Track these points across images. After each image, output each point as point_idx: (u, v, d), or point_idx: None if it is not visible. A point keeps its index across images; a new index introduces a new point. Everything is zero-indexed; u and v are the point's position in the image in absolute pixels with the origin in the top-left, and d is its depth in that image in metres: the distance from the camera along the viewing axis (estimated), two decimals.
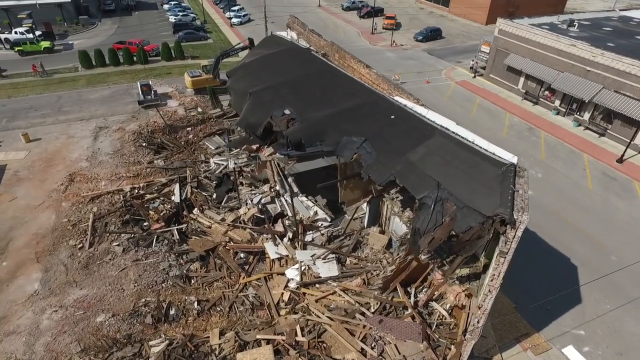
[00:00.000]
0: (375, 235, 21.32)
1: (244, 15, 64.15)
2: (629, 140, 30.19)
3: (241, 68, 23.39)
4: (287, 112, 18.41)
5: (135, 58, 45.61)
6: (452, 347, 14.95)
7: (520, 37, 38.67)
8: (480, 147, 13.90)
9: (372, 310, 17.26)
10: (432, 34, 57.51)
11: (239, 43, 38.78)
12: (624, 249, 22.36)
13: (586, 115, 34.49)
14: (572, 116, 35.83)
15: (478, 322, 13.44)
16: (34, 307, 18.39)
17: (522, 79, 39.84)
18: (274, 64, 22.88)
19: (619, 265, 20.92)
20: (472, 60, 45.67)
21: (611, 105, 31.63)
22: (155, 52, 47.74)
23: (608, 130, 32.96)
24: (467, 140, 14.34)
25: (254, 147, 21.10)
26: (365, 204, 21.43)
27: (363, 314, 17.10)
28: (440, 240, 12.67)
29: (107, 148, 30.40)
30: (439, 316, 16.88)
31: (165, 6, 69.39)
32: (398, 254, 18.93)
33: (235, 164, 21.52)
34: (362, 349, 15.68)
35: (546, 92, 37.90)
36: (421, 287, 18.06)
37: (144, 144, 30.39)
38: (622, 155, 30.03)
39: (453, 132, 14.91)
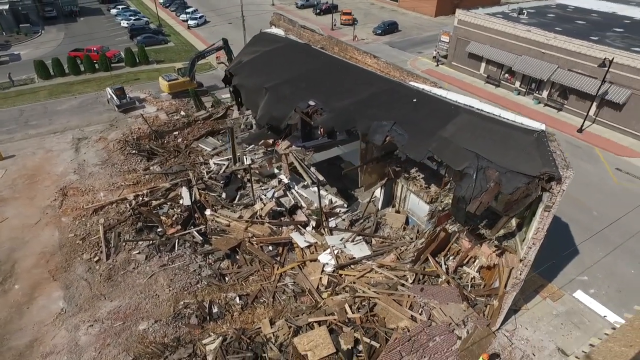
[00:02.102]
0: (393, 215, 22.61)
1: (199, 17, 62.84)
2: (585, 113, 34.00)
3: (245, 65, 23.48)
4: (312, 103, 19.03)
5: (97, 65, 43.37)
6: (495, 301, 16.53)
7: (479, 25, 41.83)
8: (508, 120, 15.55)
9: (410, 281, 18.49)
10: (390, 27, 60.04)
11: (213, 44, 38.28)
12: (601, 205, 25.41)
13: (544, 93, 38.20)
14: (532, 95, 39.49)
15: (521, 274, 15.08)
16: (66, 325, 17.57)
17: (483, 64, 43.11)
18: (279, 59, 23.26)
19: (600, 219, 23.83)
20: (435, 50, 48.45)
21: (566, 82, 35.38)
22: (118, 58, 45.66)
23: (565, 105, 36.79)
24: (494, 114, 15.95)
25: (271, 141, 21.44)
26: (380, 188, 22.62)
27: (402, 285, 18.29)
28: (487, 204, 14.10)
29: (93, 159, 29.03)
30: (471, 278, 18.50)
31: (113, 11, 66.10)
32: (424, 229, 20.30)
33: (252, 160, 21.70)
34: (412, 316, 16.84)
35: (506, 75, 41.38)
36: (447, 256, 19.61)
37: (133, 152, 29.39)
38: (582, 125, 33.79)
39: (478, 109, 16.48)
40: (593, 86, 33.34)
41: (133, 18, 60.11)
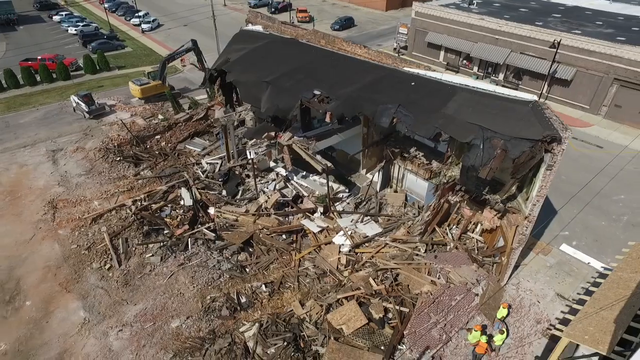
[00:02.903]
0: (393, 195, 24.09)
1: (153, 21, 60.96)
2: (539, 91, 37.57)
3: (236, 62, 23.72)
4: (317, 92, 19.87)
5: (54, 75, 41.10)
6: (503, 258, 18.42)
7: (436, 16, 44.57)
8: (503, 94, 17.39)
9: (422, 251, 20.01)
10: (347, 23, 61.85)
11: (183, 45, 37.72)
12: (566, 170, 28.44)
13: (501, 76, 41.61)
14: (489, 78, 42.81)
15: (526, 229, 17.01)
16: (93, 333, 17.24)
17: (442, 53, 45.97)
18: (271, 54, 23.78)
19: (567, 181, 26.76)
20: (395, 42, 50.79)
21: (520, 64, 38.86)
22: (75, 66, 43.48)
23: (520, 85, 40.29)
24: (489, 90, 17.75)
25: (273, 134, 22.02)
26: (378, 171, 23.99)
27: (417, 255, 19.76)
28: (497, 170, 15.82)
29: (75, 170, 27.91)
30: (475, 242, 20.36)
31: (56, 18, 62.24)
32: (423, 204, 21.91)
33: (256, 153, 22.13)
34: (432, 280, 18.33)
35: (464, 61, 44.47)
36: (450, 225, 21.36)
37: (118, 159, 28.61)
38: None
39: (473, 87, 18.22)
40: (543, 66, 36.91)
41: (81, 24, 57.09)
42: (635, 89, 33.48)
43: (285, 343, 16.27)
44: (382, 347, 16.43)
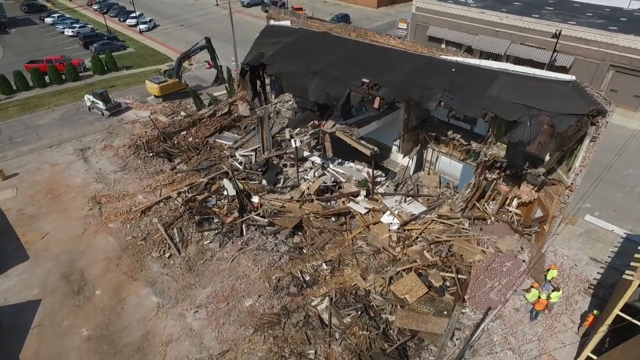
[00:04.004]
0: (428, 177, 25.58)
1: (149, 21, 60.68)
2: None
3: (275, 56, 24.60)
4: (365, 80, 21.06)
5: (64, 76, 40.79)
6: (545, 226, 20.11)
7: (436, 11, 46.43)
8: (542, 75, 19.03)
9: (467, 225, 21.52)
10: (343, 19, 63.08)
11: (197, 43, 38.24)
12: None
13: None
14: None
15: (568, 197, 18.72)
16: (170, 316, 17.95)
17: (443, 46, 47.79)
18: (308, 47, 24.72)
19: None
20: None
21: (520, 54, 41.06)
22: (83, 67, 43.18)
23: None
24: (528, 73, 19.36)
25: (316, 122, 23.09)
26: (411, 157, 25.40)
27: (463, 229, 21.25)
28: (545, 144, 17.41)
29: (109, 167, 28.18)
30: (513, 215, 22.03)
31: (48, 20, 61.07)
32: (457, 185, 23.46)
33: (301, 141, 23.14)
34: (482, 250, 19.84)
35: (465, 53, 46.43)
36: (488, 201, 22.97)
37: (150, 155, 29.04)
38: None
39: (513, 70, 19.81)
40: (543, 56, 39.20)
41: (77, 26, 56.36)
42: (629, 74, 36.12)
43: (359, 312, 17.45)
44: (445, 312, 17.83)
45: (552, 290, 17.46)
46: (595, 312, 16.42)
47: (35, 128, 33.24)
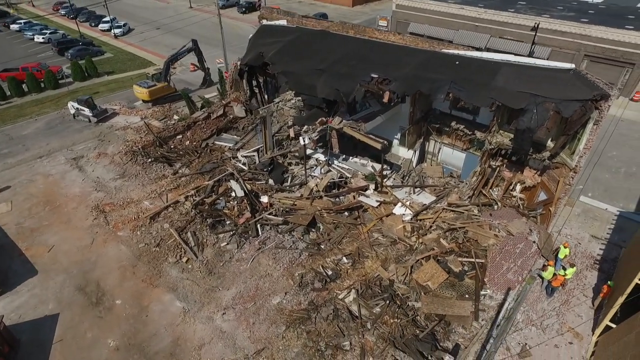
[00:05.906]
0: (431, 168, 26.32)
1: (123, 25, 59.01)
2: None
3: (277, 55, 24.59)
4: (374, 75, 21.46)
5: (43, 84, 39.16)
6: (551, 208, 21.17)
7: (417, 7, 47.57)
8: (543, 65, 20.03)
9: (476, 211, 22.35)
10: (322, 18, 63.45)
11: (184, 46, 37.62)
12: None
13: None
14: None
15: (572, 179, 19.82)
16: (198, 320, 17.76)
17: None
18: (310, 45, 24.85)
19: None
20: None
21: (500, 47, 42.68)
22: (62, 75, 41.57)
23: None
24: (530, 63, 20.33)
25: (324, 119, 23.32)
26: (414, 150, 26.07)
27: (473, 215, 22.06)
28: (552, 128, 18.38)
29: (107, 175, 27.40)
30: (517, 199, 23.05)
31: (14, 26, 58.30)
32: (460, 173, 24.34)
33: (309, 139, 23.28)
34: (495, 234, 20.67)
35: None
36: (492, 187, 23.91)
37: (149, 160, 28.42)
38: None
39: (515, 61, 20.74)
40: (521, 48, 40.92)
41: (48, 32, 54.10)
42: (602, 63, 38.30)
43: (387, 302, 17.85)
44: (467, 295, 18.51)
45: (568, 267, 18.45)
46: (609, 282, 17.49)
47: (20, 139, 31.81)
